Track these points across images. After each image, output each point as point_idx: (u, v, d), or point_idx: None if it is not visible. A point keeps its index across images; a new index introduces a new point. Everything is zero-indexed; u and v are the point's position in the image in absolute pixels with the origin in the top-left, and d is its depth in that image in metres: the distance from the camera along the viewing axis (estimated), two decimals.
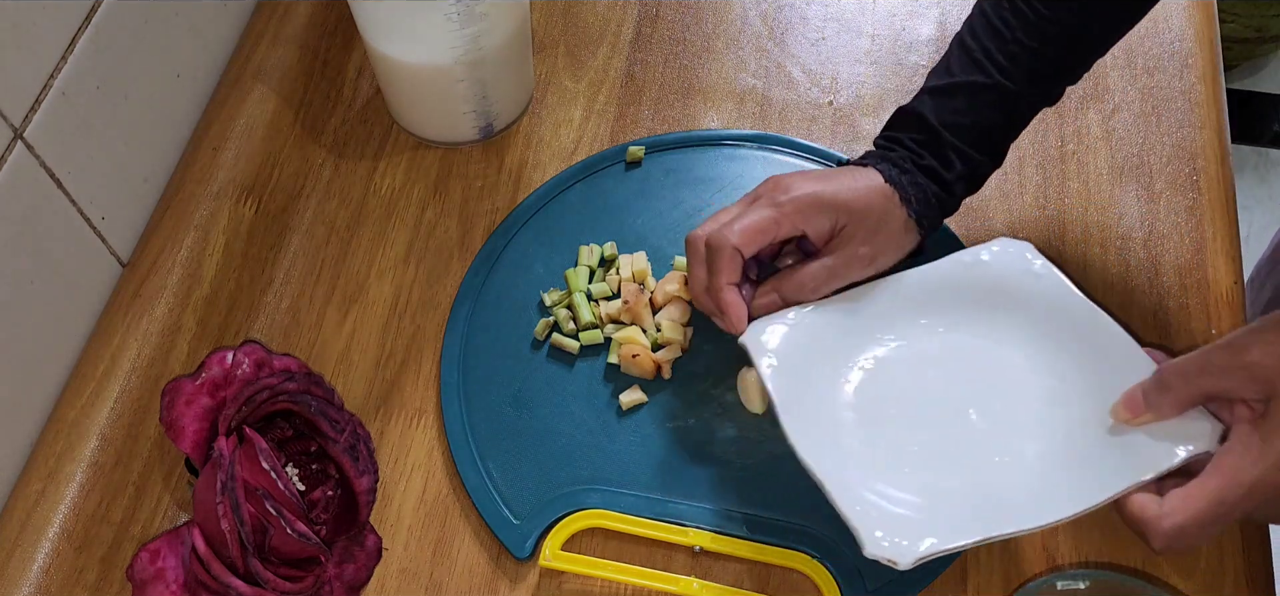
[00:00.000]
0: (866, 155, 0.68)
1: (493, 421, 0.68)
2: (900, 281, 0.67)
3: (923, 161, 0.66)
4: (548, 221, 0.76)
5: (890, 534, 0.56)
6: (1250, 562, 0.63)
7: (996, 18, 0.65)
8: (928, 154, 0.66)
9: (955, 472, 0.60)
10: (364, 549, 0.62)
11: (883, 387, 0.64)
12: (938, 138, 0.66)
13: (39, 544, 0.63)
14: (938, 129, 0.66)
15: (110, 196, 0.72)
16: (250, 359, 0.63)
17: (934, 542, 0.56)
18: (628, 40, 0.86)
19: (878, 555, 0.56)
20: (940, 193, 0.66)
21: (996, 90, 0.65)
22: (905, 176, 0.66)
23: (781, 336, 0.64)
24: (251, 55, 0.84)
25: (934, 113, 0.66)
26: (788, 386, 0.62)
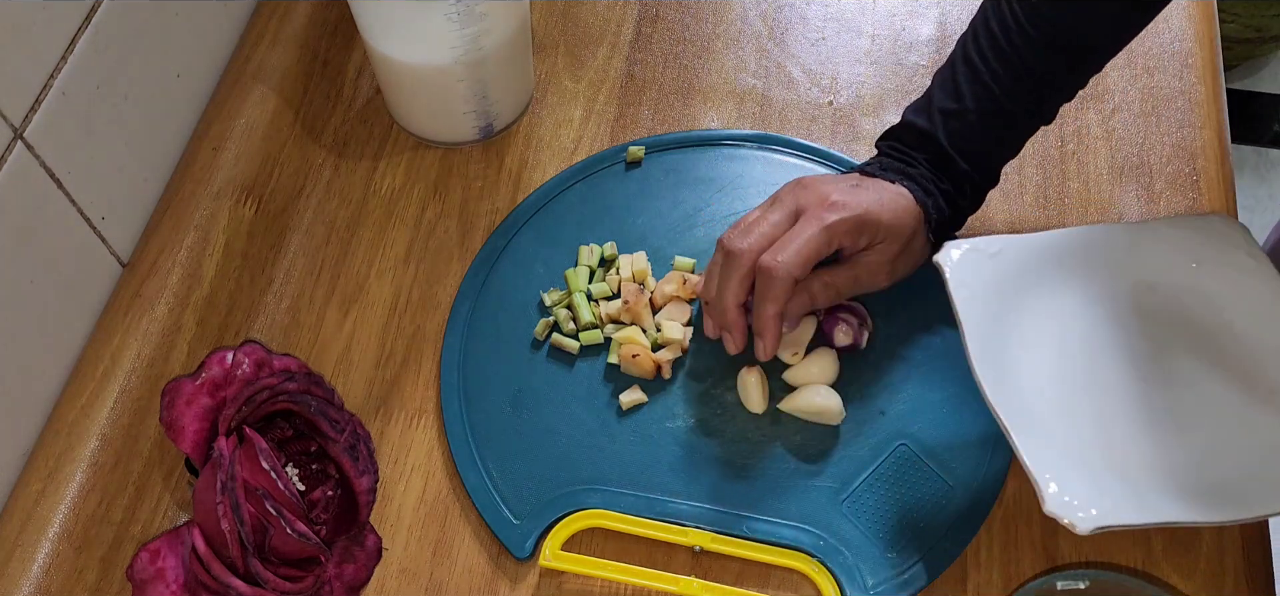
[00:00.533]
0: (886, 165, 0.68)
1: (493, 421, 0.68)
2: (1111, 237, 0.65)
3: (941, 185, 0.67)
4: (548, 221, 0.76)
5: (1072, 494, 0.54)
6: (1250, 562, 0.63)
7: (1003, 38, 0.65)
8: (945, 179, 0.67)
9: (1147, 444, 0.57)
10: (364, 549, 0.62)
11: (1082, 344, 0.61)
12: (952, 165, 0.67)
13: (39, 544, 0.63)
14: (953, 156, 0.67)
15: (110, 196, 0.72)
16: (250, 359, 0.63)
17: (1116, 513, 0.53)
18: (628, 40, 0.86)
19: (1056, 513, 0.53)
20: (952, 215, 0.68)
21: (1006, 117, 0.66)
22: (929, 198, 0.66)
23: (977, 266, 0.62)
24: (251, 55, 0.84)
25: (948, 140, 0.67)
26: (978, 320, 0.60)
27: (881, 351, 0.70)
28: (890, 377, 0.69)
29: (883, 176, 0.67)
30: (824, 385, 0.67)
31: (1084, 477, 0.56)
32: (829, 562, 0.63)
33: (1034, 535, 0.64)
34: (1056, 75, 0.66)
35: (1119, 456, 0.57)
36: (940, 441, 0.66)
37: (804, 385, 0.67)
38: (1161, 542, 0.64)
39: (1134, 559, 0.63)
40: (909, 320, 0.71)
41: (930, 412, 0.68)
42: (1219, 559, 0.63)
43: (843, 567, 0.62)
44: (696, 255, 0.74)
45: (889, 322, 0.71)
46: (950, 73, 0.68)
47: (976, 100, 0.66)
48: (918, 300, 0.72)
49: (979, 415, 0.67)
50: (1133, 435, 0.58)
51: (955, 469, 0.65)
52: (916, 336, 0.70)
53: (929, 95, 0.69)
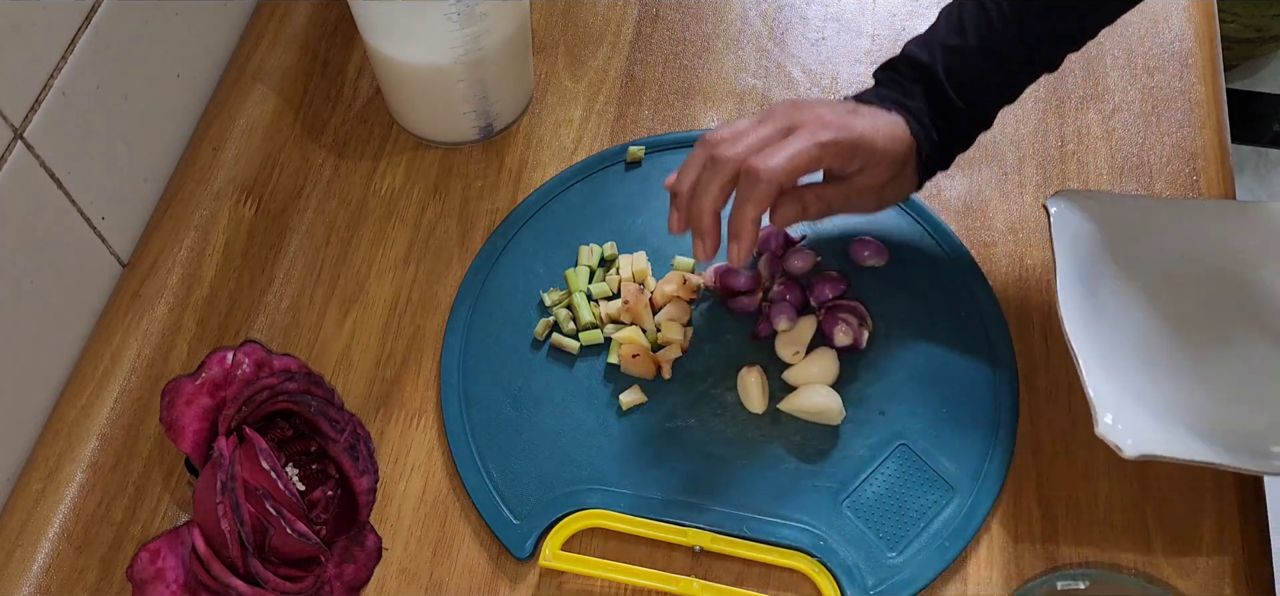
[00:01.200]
0: (883, 92, 0.67)
1: (493, 421, 0.68)
2: (1209, 211, 0.69)
3: (935, 120, 0.67)
4: (548, 221, 0.76)
5: (1124, 422, 0.58)
6: (1250, 562, 0.63)
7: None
8: (941, 117, 0.67)
9: (1208, 402, 0.62)
10: (364, 549, 0.62)
11: (1161, 303, 0.66)
12: (950, 105, 0.66)
13: (39, 544, 0.63)
14: (951, 98, 0.66)
15: (110, 196, 0.72)
16: (250, 359, 0.63)
17: (1161, 444, 0.58)
18: (628, 40, 0.86)
19: (1105, 436, 0.58)
20: (943, 152, 0.68)
21: (1007, 60, 0.66)
22: (922, 130, 0.66)
23: (1079, 213, 0.66)
24: (251, 55, 0.84)
25: (948, 77, 0.66)
26: (1071, 261, 0.64)
27: (881, 351, 0.70)
28: (890, 378, 0.69)
29: (879, 104, 0.66)
30: (824, 385, 0.67)
31: (1138, 413, 0.60)
32: (829, 562, 0.63)
33: (1034, 535, 0.64)
34: (1066, 22, 0.66)
35: (1178, 408, 0.62)
36: (940, 441, 0.66)
37: (804, 385, 0.68)
38: (1161, 542, 0.64)
39: (1134, 559, 0.63)
40: (909, 320, 0.71)
41: (930, 412, 0.68)
42: (1219, 558, 0.63)
43: (843, 567, 0.62)
44: None
45: (889, 322, 0.71)
46: (956, 8, 0.67)
47: (979, 38, 0.65)
48: (918, 300, 0.72)
49: (979, 415, 0.67)
50: (1194, 393, 0.64)
51: (955, 469, 0.65)
52: (916, 336, 0.70)
53: (933, 29, 0.68)
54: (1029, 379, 0.69)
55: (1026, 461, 0.67)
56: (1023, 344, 0.71)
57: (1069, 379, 0.69)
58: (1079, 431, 0.67)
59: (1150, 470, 0.66)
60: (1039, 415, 0.68)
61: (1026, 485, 0.66)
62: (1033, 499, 0.65)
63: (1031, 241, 0.75)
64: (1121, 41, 0.84)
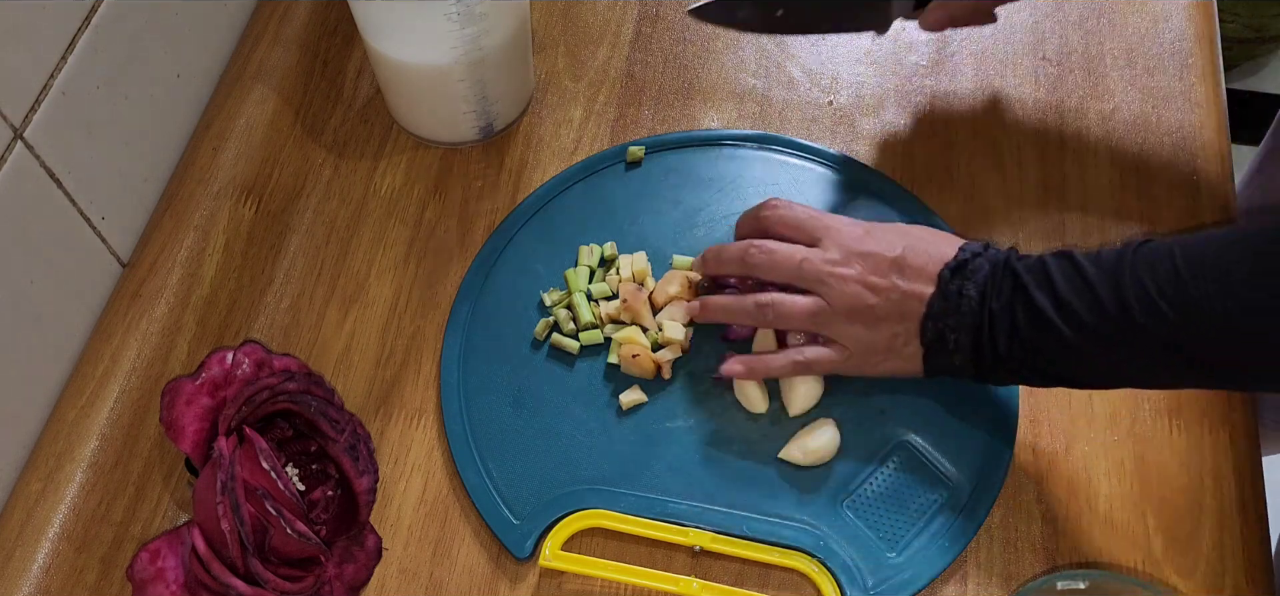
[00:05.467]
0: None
1: (493, 421, 0.68)
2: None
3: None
4: (548, 221, 0.76)
5: None
6: (1250, 562, 0.63)
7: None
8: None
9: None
10: (364, 549, 0.62)
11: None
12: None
13: (39, 544, 0.63)
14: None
15: (110, 196, 0.72)
16: (250, 359, 0.63)
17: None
18: (628, 40, 0.86)
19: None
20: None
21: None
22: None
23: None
24: (251, 55, 0.84)
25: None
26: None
27: None
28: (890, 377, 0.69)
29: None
30: (829, 426, 0.66)
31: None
32: (829, 562, 0.63)
33: (1034, 535, 0.64)
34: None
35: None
36: (940, 441, 0.66)
37: (803, 431, 0.67)
38: (1161, 542, 0.64)
39: (1134, 559, 0.63)
40: None
41: (930, 412, 0.67)
42: (1219, 559, 0.63)
43: (843, 567, 0.62)
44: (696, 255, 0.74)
45: None
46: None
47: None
48: None
49: (979, 415, 0.67)
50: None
51: (955, 469, 0.65)
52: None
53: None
54: None
55: (1026, 461, 0.67)
56: None
57: None
58: (1079, 431, 0.67)
59: (1150, 470, 0.66)
60: (1039, 415, 0.68)
61: (1026, 485, 0.66)
62: (1033, 499, 0.65)
63: (1032, 241, 0.75)
64: (1121, 41, 0.84)
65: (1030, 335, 0.58)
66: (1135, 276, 0.55)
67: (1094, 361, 0.57)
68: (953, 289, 0.60)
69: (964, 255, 0.61)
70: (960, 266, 0.60)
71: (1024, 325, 0.58)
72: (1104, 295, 0.55)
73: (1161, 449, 0.67)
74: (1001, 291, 0.59)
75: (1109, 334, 0.56)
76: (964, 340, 0.60)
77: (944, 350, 0.61)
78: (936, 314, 0.60)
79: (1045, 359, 0.58)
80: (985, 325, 0.59)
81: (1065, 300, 0.56)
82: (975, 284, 0.59)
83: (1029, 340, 0.58)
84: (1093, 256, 0.57)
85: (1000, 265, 0.59)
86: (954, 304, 0.60)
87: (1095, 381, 0.60)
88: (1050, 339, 0.57)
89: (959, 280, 0.60)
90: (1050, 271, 0.58)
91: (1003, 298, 0.58)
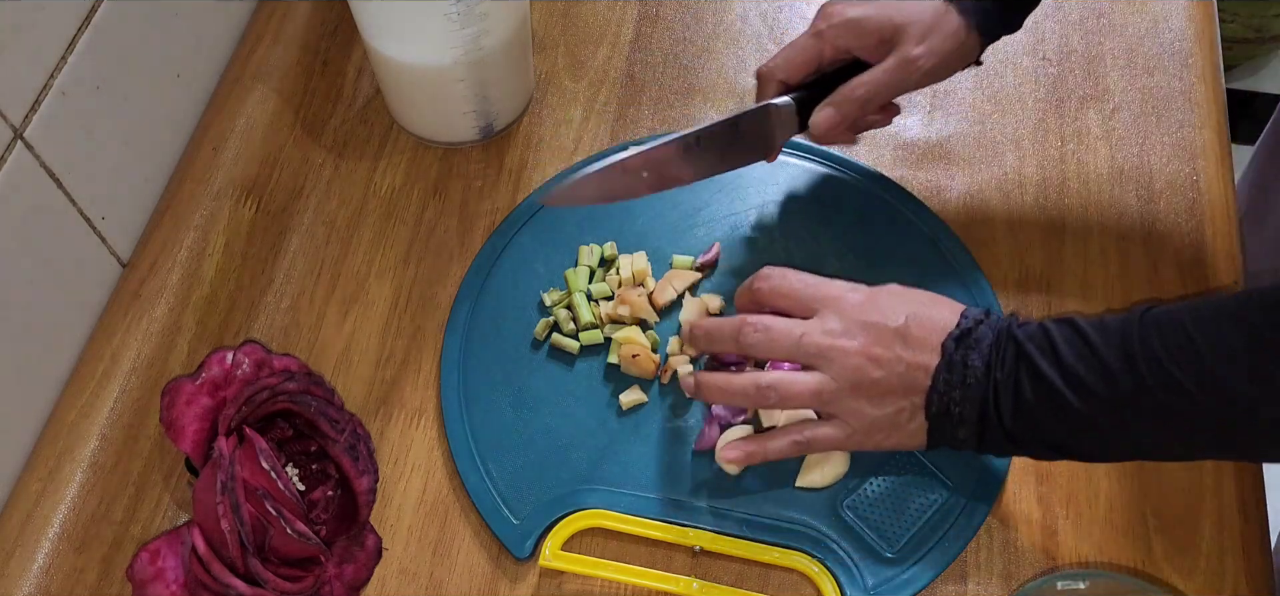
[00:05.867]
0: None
1: (493, 421, 0.68)
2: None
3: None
4: (548, 221, 0.76)
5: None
6: (1250, 562, 0.63)
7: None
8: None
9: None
10: (364, 549, 0.62)
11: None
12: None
13: (39, 544, 0.63)
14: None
15: (110, 196, 0.72)
16: (250, 359, 0.63)
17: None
18: (628, 40, 0.86)
19: None
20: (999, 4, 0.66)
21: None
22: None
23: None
24: (251, 55, 0.84)
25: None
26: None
27: None
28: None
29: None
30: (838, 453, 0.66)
31: None
32: (829, 562, 0.63)
33: (1034, 535, 0.64)
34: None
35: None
36: None
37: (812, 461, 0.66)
38: (1161, 543, 0.64)
39: (1134, 559, 0.63)
40: None
41: None
42: (1219, 559, 0.63)
43: (843, 567, 0.62)
44: (696, 255, 0.74)
45: None
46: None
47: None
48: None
49: None
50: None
51: (955, 469, 0.65)
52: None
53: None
54: None
55: (1026, 461, 0.66)
56: None
57: None
58: None
59: (1150, 470, 0.66)
60: None
61: (1026, 485, 0.66)
62: (1033, 499, 0.65)
63: (1032, 241, 0.75)
64: (1121, 41, 0.84)
65: (1036, 406, 0.56)
66: (1145, 343, 0.53)
67: (1103, 432, 0.56)
68: (957, 359, 0.57)
69: (966, 323, 0.58)
70: (964, 335, 0.58)
71: (1029, 396, 0.56)
72: (1112, 363, 0.54)
73: None
74: (1005, 361, 0.57)
75: (1119, 403, 0.54)
76: (970, 413, 0.57)
77: (949, 423, 0.58)
78: (942, 386, 0.58)
79: (1050, 430, 0.56)
80: (991, 397, 0.57)
81: (1072, 369, 0.55)
82: (979, 354, 0.57)
83: (1035, 411, 0.56)
84: (1097, 324, 0.56)
85: (1002, 334, 0.57)
86: (959, 375, 0.57)
87: (1101, 453, 0.58)
88: (1057, 409, 0.55)
89: (963, 349, 0.58)
90: (1054, 340, 0.56)
91: (1006, 367, 0.56)
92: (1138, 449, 0.58)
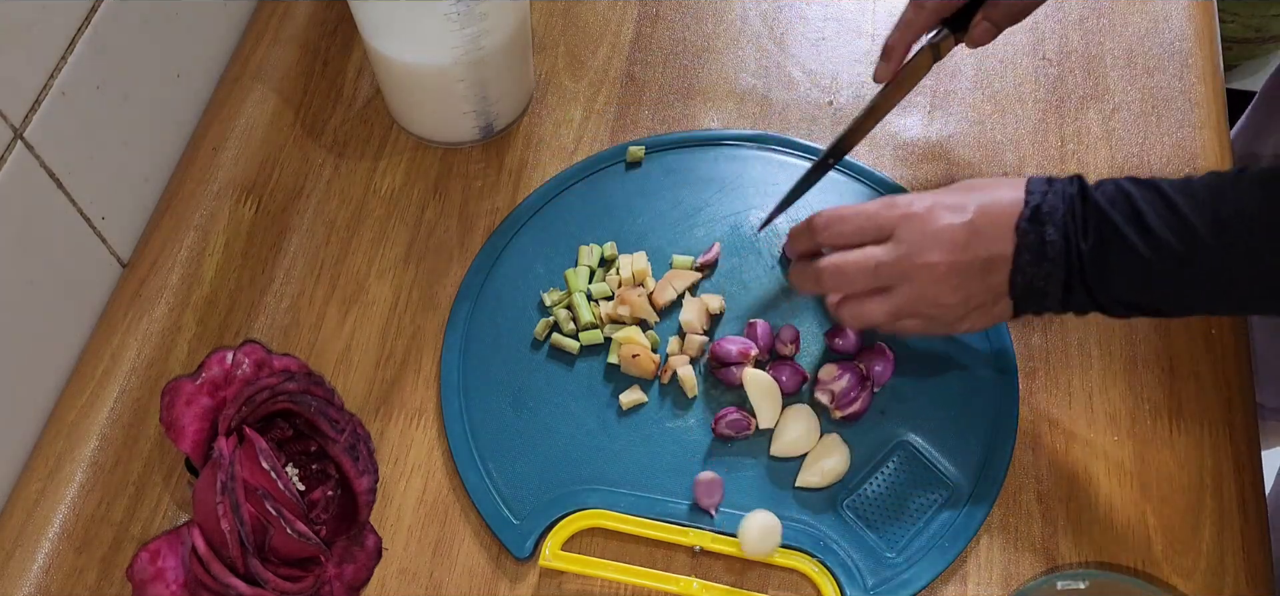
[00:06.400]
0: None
1: (493, 421, 0.68)
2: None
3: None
4: (548, 221, 0.76)
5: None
6: (1250, 562, 0.63)
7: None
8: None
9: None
10: (364, 549, 0.62)
11: None
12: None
13: (39, 544, 0.63)
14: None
15: (110, 196, 0.72)
16: (250, 359, 0.63)
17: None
18: (628, 40, 0.86)
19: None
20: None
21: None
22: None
23: None
24: (251, 55, 0.84)
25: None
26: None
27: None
28: (889, 379, 0.69)
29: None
30: (838, 443, 0.66)
31: None
32: (829, 562, 0.63)
33: (1034, 535, 0.64)
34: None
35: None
36: (940, 441, 0.66)
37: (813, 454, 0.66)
38: (1161, 543, 0.64)
39: (1134, 559, 0.63)
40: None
41: (930, 412, 0.67)
42: (1219, 558, 0.63)
43: (843, 567, 0.62)
44: (696, 255, 0.74)
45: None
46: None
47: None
48: None
49: (979, 415, 0.67)
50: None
51: (955, 469, 0.65)
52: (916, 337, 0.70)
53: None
54: (1029, 378, 0.69)
55: (1026, 461, 0.67)
56: (1023, 343, 0.71)
57: (1069, 378, 0.69)
58: (1079, 431, 0.68)
59: (1150, 470, 0.66)
60: (1039, 415, 0.68)
61: (1026, 485, 0.66)
62: (1033, 499, 0.65)
63: None
64: (1121, 41, 0.84)
65: (1125, 275, 0.57)
66: (1238, 205, 0.55)
67: (1193, 295, 0.57)
68: (1033, 239, 0.58)
69: (1034, 199, 0.59)
70: (1035, 213, 0.58)
71: (1118, 266, 0.57)
72: (1203, 231, 0.55)
73: (1161, 449, 0.67)
74: (1088, 231, 0.58)
75: (1211, 270, 0.55)
76: (1054, 286, 0.59)
77: (1034, 298, 0.60)
78: (1026, 268, 0.59)
79: (1140, 294, 0.58)
80: (1076, 267, 0.58)
81: (1161, 239, 0.56)
82: (1055, 226, 0.58)
83: (1124, 279, 0.57)
84: (1182, 186, 0.57)
85: (1075, 200, 0.58)
86: (1039, 253, 0.58)
87: (1191, 310, 0.60)
88: (1147, 278, 0.57)
89: (1037, 227, 0.58)
90: (1140, 208, 0.57)
91: (1090, 239, 0.57)
92: (1229, 305, 0.60)
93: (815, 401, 0.68)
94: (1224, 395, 0.68)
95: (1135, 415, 0.68)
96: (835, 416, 0.67)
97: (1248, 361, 0.70)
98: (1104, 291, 0.58)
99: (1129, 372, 0.70)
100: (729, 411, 0.67)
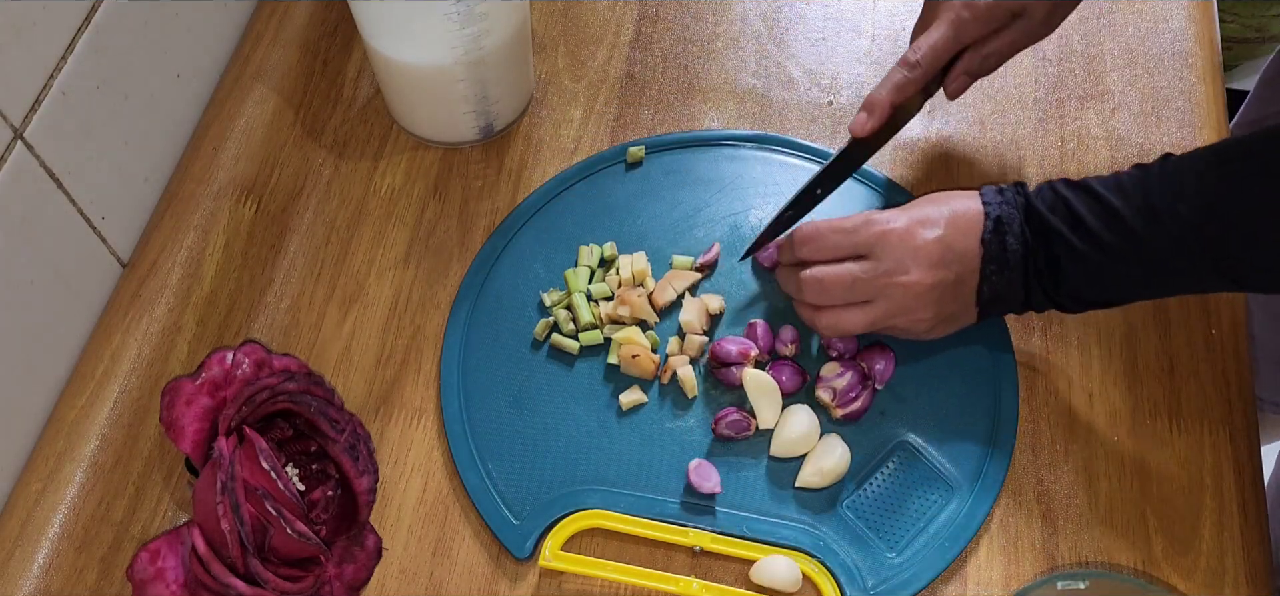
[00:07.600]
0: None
1: (493, 421, 0.68)
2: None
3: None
4: (548, 221, 0.76)
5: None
6: (1250, 562, 0.63)
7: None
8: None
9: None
10: (364, 549, 0.62)
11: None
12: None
13: (39, 544, 0.63)
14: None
15: (110, 196, 0.72)
16: (250, 359, 0.63)
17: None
18: (628, 40, 0.86)
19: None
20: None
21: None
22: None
23: None
24: (251, 55, 0.84)
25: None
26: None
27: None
28: (890, 378, 0.69)
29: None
30: (837, 443, 0.66)
31: None
32: (829, 562, 0.63)
33: (1034, 535, 0.64)
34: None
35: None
36: (940, 441, 0.66)
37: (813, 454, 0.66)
38: (1161, 543, 0.64)
39: (1134, 559, 0.63)
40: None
41: (930, 412, 0.68)
42: (1219, 559, 0.63)
43: (843, 567, 0.62)
44: (696, 255, 0.74)
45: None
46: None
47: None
48: None
49: (979, 415, 0.67)
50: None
51: (955, 469, 0.65)
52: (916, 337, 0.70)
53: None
54: (1029, 378, 0.69)
55: (1026, 461, 0.67)
56: (1023, 343, 0.71)
57: (1069, 378, 0.69)
58: (1079, 431, 0.68)
59: (1150, 470, 0.66)
60: (1039, 415, 0.68)
61: (1026, 485, 0.66)
62: (1033, 499, 0.65)
63: None
64: (1121, 41, 0.84)
65: (1074, 275, 0.61)
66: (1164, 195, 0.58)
67: (1140, 283, 0.61)
68: (995, 249, 0.62)
69: (992, 211, 0.63)
70: (997, 224, 0.62)
71: (1067, 268, 0.61)
72: (1135, 224, 0.58)
73: (1161, 449, 0.67)
74: (1036, 237, 0.62)
75: (1152, 257, 0.59)
76: (1016, 293, 0.63)
77: (998, 304, 0.64)
78: (991, 277, 0.63)
79: (1088, 290, 0.62)
80: (1032, 273, 0.62)
81: (1099, 236, 0.59)
82: (1014, 235, 0.62)
83: (1072, 279, 0.61)
84: (1113, 183, 0.60)
85: (1023, 210, 0.62)
86: (1002, 263, 0.62)
87: (1141, 296, 0.65)
88: (1092, 274, 0.61)
89: (999, 237, 0.62)
90: (1077, 212, 0.60)
91: (1040, 245, 0.62)
92: (1175, 287, 0.63)
93: (816, 399, 0.68)
94: (1224, 395, 0.68)
95: (1135, 415, 0.68)
96: (836, 415, 0.67)
97: (1248, 361, 0.70)
98: (1057, 291, 0.62)
99: (1129, 372, 0.70)
100: (729, 412, 0.67)
